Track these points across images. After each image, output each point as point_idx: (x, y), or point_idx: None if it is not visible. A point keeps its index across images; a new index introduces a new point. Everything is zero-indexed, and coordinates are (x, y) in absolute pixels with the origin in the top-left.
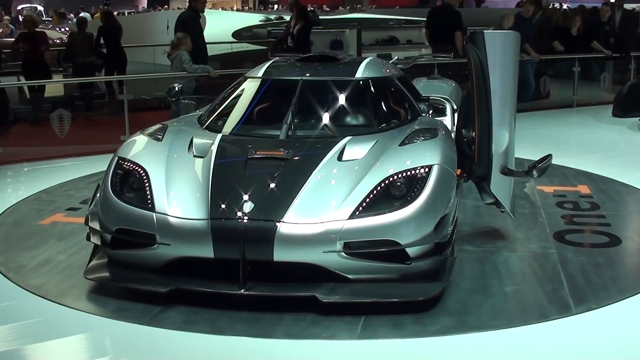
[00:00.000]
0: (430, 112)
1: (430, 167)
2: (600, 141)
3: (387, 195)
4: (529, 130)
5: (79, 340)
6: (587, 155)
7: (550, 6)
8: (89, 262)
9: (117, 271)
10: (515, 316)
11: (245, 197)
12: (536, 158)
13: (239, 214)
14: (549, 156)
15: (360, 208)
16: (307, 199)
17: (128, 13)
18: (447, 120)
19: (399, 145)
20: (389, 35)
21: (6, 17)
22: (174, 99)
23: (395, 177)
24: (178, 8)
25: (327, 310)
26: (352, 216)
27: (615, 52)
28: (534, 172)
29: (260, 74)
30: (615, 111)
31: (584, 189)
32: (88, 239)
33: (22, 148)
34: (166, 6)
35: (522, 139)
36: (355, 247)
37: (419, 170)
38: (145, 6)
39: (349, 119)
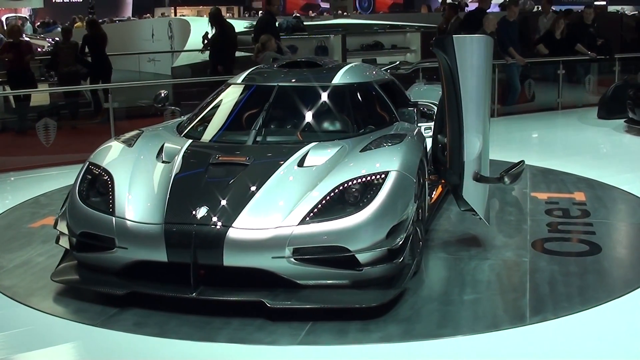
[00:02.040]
0: (416, 117)
1: (386, 173)
2: (585, 143)
3: (341, 202)
4: (515, 134)
5: (24, 337)
6: (573, 157)
7: (535, 9)
8: (58, 265)
9: (82, 273)
10: (465, 325)
11: (200, 202)
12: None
13: (192, 219)
14: (521, 162)
15: (312, 214)
16: (259, 204)
17: (112, 21)
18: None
19: (360, 152)
20: (374, 41)
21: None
22: (159, 105)
23: (350, 183)
24: (162, 14)
25: (276, 316)
26: (302, 222)
27: (600, 54)
28: (506, 179)
29: (240, 80)
30: (601, 113)
31: (579, 196)
32: (57, 241)
33: (8, 157)
34: (148, 15)
35: (507, 142)
36: (305, 252)
37: (375, 176)
38: (130, 15)
39: (320, 125)
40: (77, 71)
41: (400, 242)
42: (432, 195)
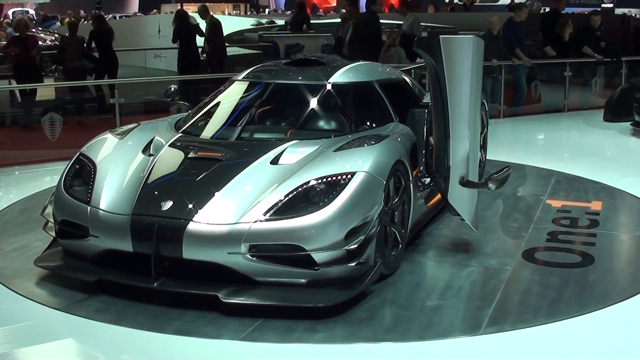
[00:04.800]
0: (426, 118)
1: (353, 174)
2: (591, 146)
3: (305, 200)
4: (521, 135)
5: None
6: (578, 160)
7: (542, 11)
8: (44, 251)
9: (62, 259)
10: (413, 331)
11: (168, 195)
12: (528, 163)
13: (157, 211)
14: (506, 167)
15: (271, 211)
16: (222, 200)
17: (119, 17)
18: None
19: (334, 151)
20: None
21: (6, 21)
22: (169, 99)
23: (315, 182)
24: (171, 12)
25: (231, 311)
26: (260, 219)
27: (607, 57)
28: (490, 184)
29: (241, 77)
30: (606, 116)
31: (595, 206)
32: (44, 227)
33: (14, 152)
34: (155, 11)
35: (513, 143)
36: (261, 249)
37: (342, 176)
38: (137, 10)
39: (309, 124)
40: (83, 66)
41: (358, 244)
42: (430, 199)
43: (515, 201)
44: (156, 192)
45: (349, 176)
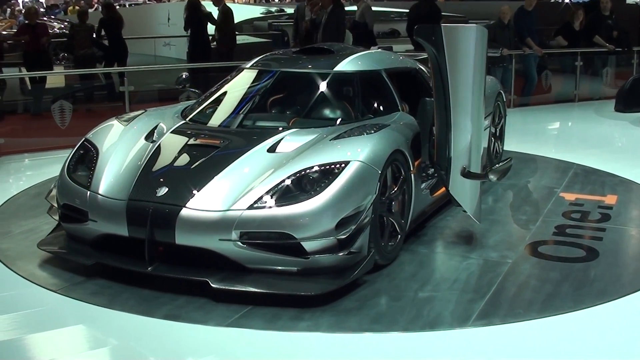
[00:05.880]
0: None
1: (347, 163)
2: (602, 136)
3: (297, 189)
4: (531, 125)
5: None
6: (589, 150)
7: (552, 0)
8: (48, 234)
9: (64, 243)
10: (399, 323)
11: (164, 181)
12: (539, 153)
13: (152, 197)
14: (508, 159)
15: (262, 199)
16: (216, 187)
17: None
18: None
19: (331, 140)
20: (390, 28)
21: (18, 8)
22: (180, 87)
23: (309, 170)
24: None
25: (221, 296)
26: (251, 207)
27: (618, 47)
28: (490, 176)
29: (249, 65)
30: (618, 106)
31: (610, 200)
32: (48, 211)
33: (23, 139)
34: None
35: (523, 133)
36: (252, 237)
37: (336, 165)
38: None
39: (312, 112)
40: (92, 54)
41: (349, 233)
42: (436, 190)
43: (528, 193)
44: (153, 178)
45: (343, 165)
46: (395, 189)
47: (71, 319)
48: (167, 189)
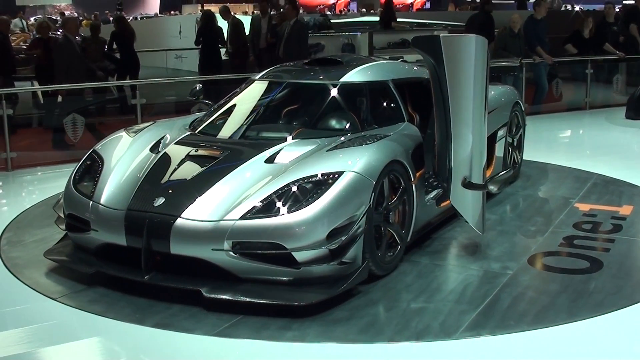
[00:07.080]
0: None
1: (340, 173)
2: (613, 143)
3: (290, 199)
4: (542, 133)
5: None
6: (600, 157)
7: (563, 8)
8: (56, 243)
9: (69, 252)
10: (385, 333)
11: (162, 192)
12: (550, 161)
13: (149, 207)
14: (508, 170)
15: (255, 209)
16: (211, 197)
17: (140, 18)
18: None
19: (327, 151)
20: (401, 38)
21: (31, 22)
22: (194, 98)
23: (303, 181)
24: (189, 13)
25: (214, 306)
26: (244, 217)
27: (627, 53)
28: (490, 186)
29: (258, 76)
30: (629, 113)
31: (625, 210)
32: (55, 221)
33: (35, 152)
34: (177, 12)
35: (535, 141)
36: (244, 247)
37: (329, 176)
38: (158, 11)
39: (314, 123)
40: (105, 67)
41: (339, 244)
42: (443, 201)
43: (543, 203)
44: (151, 189)
45: (336, 175)
46: (394, 200)
47: (64, 326)
48: (163, 199)
